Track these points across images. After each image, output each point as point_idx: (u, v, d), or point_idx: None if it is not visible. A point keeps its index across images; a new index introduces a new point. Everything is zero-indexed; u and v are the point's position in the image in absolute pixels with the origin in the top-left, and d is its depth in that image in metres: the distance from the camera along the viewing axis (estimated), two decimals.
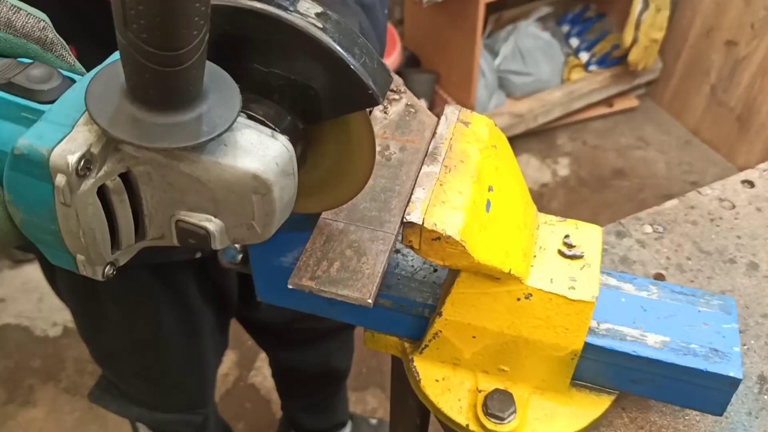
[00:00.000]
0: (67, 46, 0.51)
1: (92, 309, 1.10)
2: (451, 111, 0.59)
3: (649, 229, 0.84)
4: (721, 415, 0.61)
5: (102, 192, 0.43)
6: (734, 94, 2.63)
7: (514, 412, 0.60)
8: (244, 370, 2.05)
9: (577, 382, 0.62)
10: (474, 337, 0.60)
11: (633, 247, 0.82)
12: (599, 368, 0.61)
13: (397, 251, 0.65)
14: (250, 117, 0.46)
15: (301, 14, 0.45)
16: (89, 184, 0.42)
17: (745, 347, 0.71)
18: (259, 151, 0.44)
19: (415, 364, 0.64)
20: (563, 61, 2.78)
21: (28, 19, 0.48)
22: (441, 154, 0.56)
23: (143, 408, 1.28)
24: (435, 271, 0.64)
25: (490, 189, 0.56)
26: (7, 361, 2.06)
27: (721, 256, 0.81)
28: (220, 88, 0.43)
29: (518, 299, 0.57)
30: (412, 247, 0.53)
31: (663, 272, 0.79)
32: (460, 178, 0.54)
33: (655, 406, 0.65)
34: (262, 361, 2.05)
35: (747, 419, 0.66)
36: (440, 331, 0.61)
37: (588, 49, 2.82)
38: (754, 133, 2.60)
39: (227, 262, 0.68)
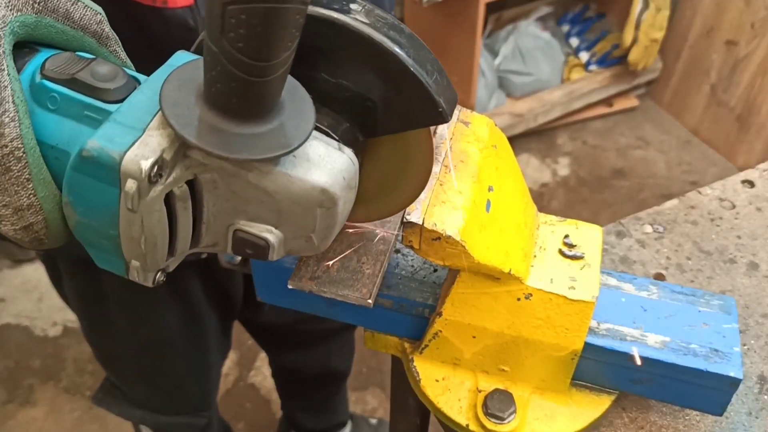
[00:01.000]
0: (119, 41, 0.49)
1: (98, 314, 1.09)
2: None
3: (649, 229, 0.84)
4: (721, 415, 0.61)
5: (167, 198, 0.42)
6: (734, 93, 2.63)
7: (514, 412, 0.60)
8: (244, 370, 2.05)
9: (577, 382, 0.62)
10: (474, 337, 0.60)
11: (633, 247, 0.82)
12: (599, 368, 0.60)
13: (397, 251, 0.65)
14: (315, 127, 0.45)
15: (377, 27, 0.43)
16: (158, 190, 0.41)
17: (745, 347, 0.71)
18: (328, 164, 0.43)
19: (415, 364, 0.64)
20: (563, 61, 2.78)
21: (86, 11, 0.46)
22: (441, 154, 0.56)
23: (146, 411, 1.28)
24: (435, 271, 0.64)
25: (490, 189, 0.56)
26: (7, 361, 2.05)
27: (721, 256, 0.81)
28: (294, 98, 0.42)
29: (518, 299, 0.57)
30: (412, 247, 0.53)
31: (663, 272, 0.79)
32: (460, 178, 0.54)
33: (655, 406, 0.65)
34: (262, 361, 2.05)
35: (747, 419, 0.66)
36: (440, 331, 0.61)
37: (588, 48, 2.82)
38: (754, 133, 2.60)
39: (227, 262, 0.68)
